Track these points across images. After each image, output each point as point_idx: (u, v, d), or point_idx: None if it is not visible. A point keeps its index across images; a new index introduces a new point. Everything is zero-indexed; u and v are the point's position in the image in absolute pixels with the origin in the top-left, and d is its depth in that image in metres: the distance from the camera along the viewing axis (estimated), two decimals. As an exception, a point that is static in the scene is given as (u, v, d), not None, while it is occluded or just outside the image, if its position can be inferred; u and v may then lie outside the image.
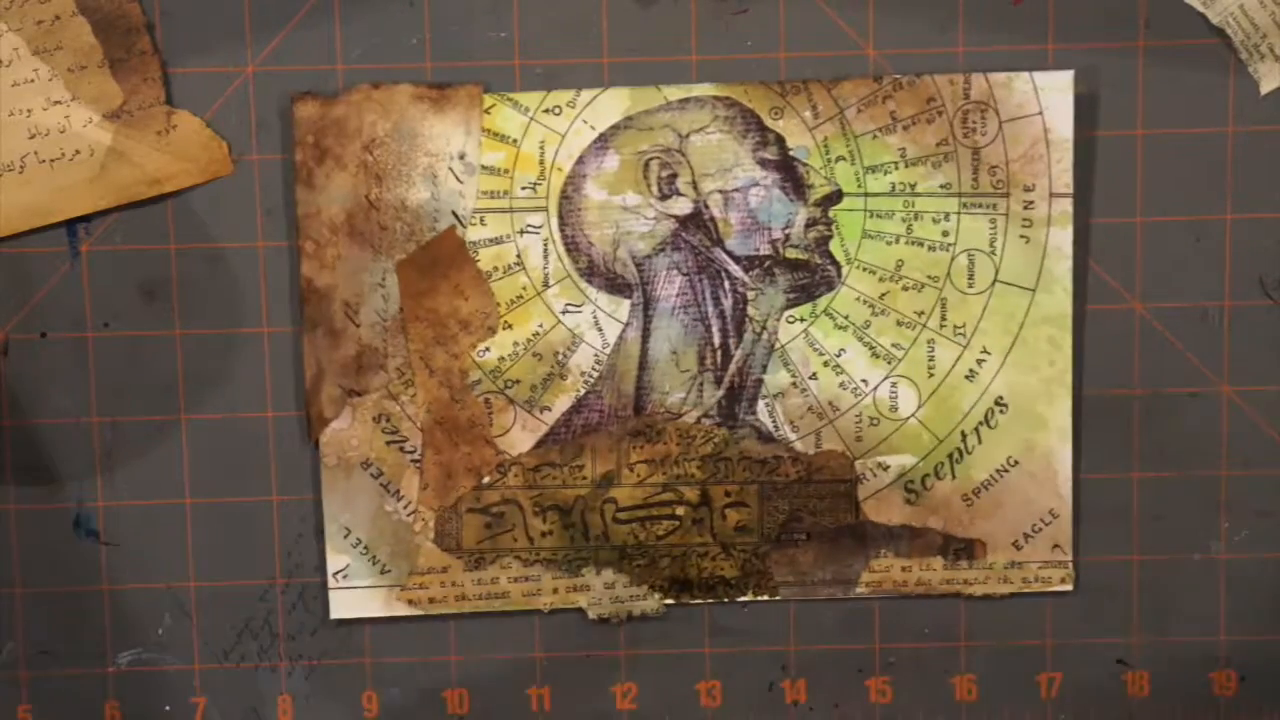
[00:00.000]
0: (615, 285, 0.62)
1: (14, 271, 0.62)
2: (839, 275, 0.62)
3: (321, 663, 0.64)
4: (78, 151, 0.60)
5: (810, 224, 0.62)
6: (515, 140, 0.61)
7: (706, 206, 0.62)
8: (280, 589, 0.63)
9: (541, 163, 0.61)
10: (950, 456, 0.63)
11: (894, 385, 0.63)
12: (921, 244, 0.62)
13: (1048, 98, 0.61)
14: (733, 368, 0.62)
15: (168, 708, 0.64)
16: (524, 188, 0.62)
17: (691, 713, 0.64)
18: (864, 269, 0.62)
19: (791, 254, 0.62)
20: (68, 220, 0.61)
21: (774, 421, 0.63)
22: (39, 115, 0.60)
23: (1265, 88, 0.61)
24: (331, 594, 0.63)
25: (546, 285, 0.62)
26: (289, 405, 0.63)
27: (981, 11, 0.61)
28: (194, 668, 0.64)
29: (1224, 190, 0.62)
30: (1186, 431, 0.63)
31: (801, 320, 0.62)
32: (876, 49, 0.61)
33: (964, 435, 0.63)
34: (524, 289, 0.62)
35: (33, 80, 0.60)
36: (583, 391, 0.63)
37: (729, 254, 0.62)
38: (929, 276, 0.62)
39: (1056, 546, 0.63)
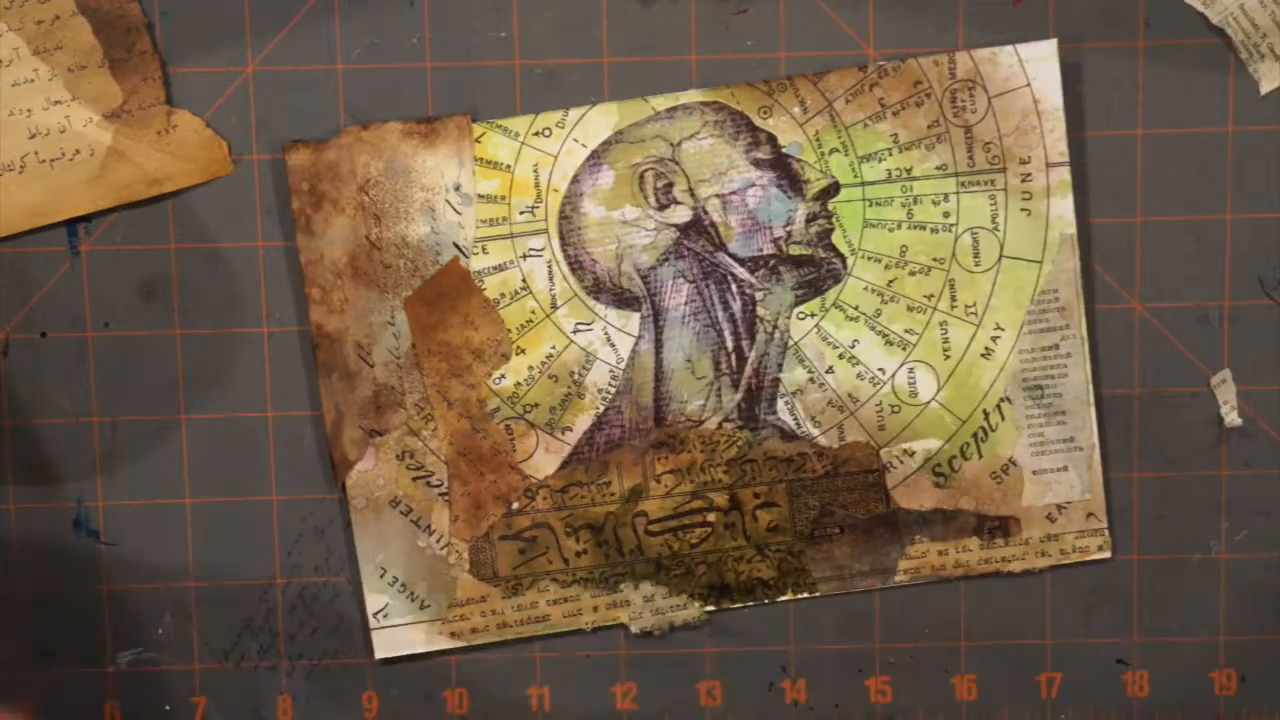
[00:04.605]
0: (623, 300, 0.62)
1: (14, 271, 0.62)
2: (844, 267, 0.62)
3: (322, 663, 0.64)
4: (78, 151, 0.60)
5: (810, 219, 0.62)
6: (508, 166, 0.61)
7: (705, 212, 0.61)
8: (280, 589, 0.63)
9: (537, 185, 0.61)
10: (975, 436, 0.63)
11: (911, 371, 0.63)
12: (924, 227, 0.62)
13: (1034, 69, 0.61)
14: (749, 370, 0.62)
15: (168, 708, 0.64)
16: (522, 212, 0.61)
17: (691, 713, 0.64)
18: (869, 258, 0.62)
19: (795, 251, 0.62)
20: (68, 220, 0.61)
21: (795, 419, 0.63)
22: (39, 115, 0.60)
23: (1265, 88, 0.62)
24: (374, 634, 0.63)
25: (555, 306, 0.62)
26: (289, 405, 0.63)
27: (981, 11, 0.61)
28: (194, 668, 0.64)
29: (1224, 190, 0.62)
30: (1186, 431, 0.63)
31: (812, 315, 0.62)
32: (877, 49, 0.61)
33: (986, 413, 0.63)
34: (533, 312, 0.62)
35: (33, 80, 0.60)
36: (602, 408, 0.62)
37: (733, 257, 0.62)
38: (934, 259, 0.62)
39: (1091, 515, 0.63)
